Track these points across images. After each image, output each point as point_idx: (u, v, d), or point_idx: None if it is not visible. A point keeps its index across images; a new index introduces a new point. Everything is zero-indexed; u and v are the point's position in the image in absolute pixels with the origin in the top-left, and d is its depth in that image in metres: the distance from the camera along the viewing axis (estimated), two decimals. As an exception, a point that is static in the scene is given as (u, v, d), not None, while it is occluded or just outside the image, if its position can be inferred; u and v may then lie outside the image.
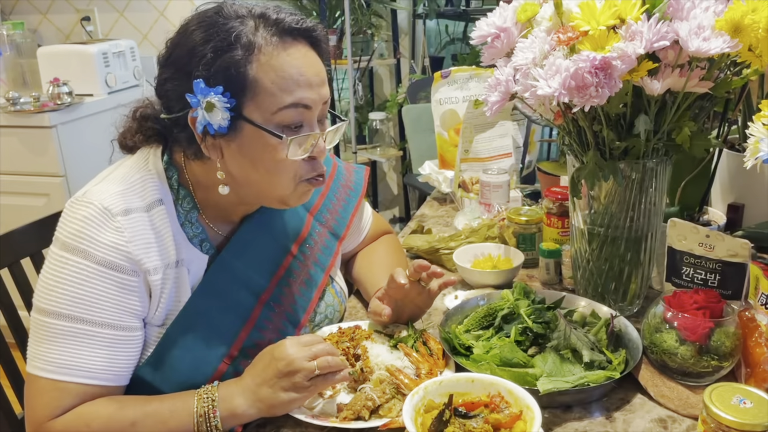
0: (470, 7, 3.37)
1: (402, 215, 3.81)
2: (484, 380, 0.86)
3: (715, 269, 1.02)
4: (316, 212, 1.16)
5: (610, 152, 1.00)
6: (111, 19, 3.15)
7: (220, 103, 0.88)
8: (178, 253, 0.96)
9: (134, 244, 0.91)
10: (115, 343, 0.91)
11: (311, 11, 3.18)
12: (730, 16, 0.86)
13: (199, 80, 0.87)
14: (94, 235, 0.89)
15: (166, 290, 0.95)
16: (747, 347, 0.92)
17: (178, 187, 0.99)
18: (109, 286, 0.90)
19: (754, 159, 0.83)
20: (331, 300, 1.16)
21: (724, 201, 1.29)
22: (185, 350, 0.96)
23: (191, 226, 1.00)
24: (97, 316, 0.89)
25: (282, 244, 1.09)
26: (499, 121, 1.64)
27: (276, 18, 0.92)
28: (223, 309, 1.00)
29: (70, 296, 0.88)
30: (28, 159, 2.56)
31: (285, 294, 1.07)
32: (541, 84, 0.90)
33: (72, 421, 0.88)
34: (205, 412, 0.89)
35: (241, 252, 1.03)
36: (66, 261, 0.89)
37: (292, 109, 0.91)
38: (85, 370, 0.89)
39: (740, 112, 1.20)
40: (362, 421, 0.90)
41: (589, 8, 0.90)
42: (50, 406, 0.88)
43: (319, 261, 1.13)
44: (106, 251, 0.89)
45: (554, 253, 1.26)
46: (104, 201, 0.91)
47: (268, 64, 0.89)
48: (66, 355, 0.89)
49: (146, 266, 0.92)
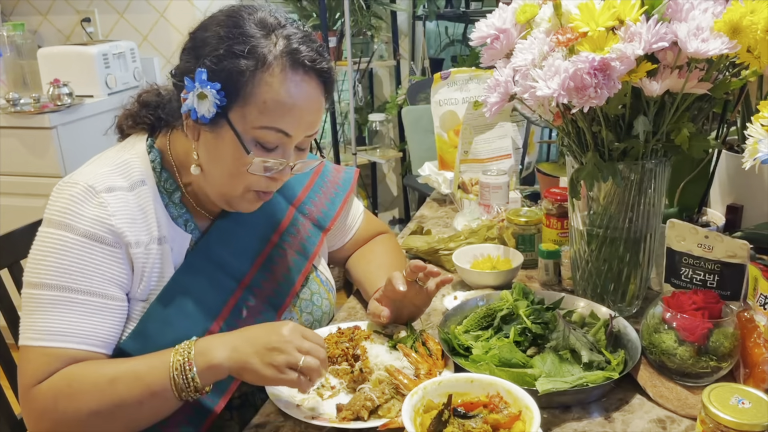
0: (470, 9, 3.37)
1: (402, 216, 3.81)
2: (483, 380, 0.86)
3: (714, 270, 1.02)
4: (299, 204, 1.19)
5: (609, 153, 1.00)
6: (111, 21, 3.15)
7: (212, 97, 0.92)
8: (161, 230, 1.00)
9: (117, 218, 0.95)
10: (99, 311, 0.94)
11: (311, 12, 3.18)
12: (729, 17, 0.86)
13: (203, 70, 0.91)
14: (77, 210, 0.93)
15: (149, 265, 0.98)
16: (746, 348, 0.93)
17: (161, 170, 1.03)
18: (92, 256, 0.93)
19: (752, 160, 0.83)
20: (316, 288, 1.17)
21: (723, 202, 1.29)
22: (167, 325, 0.98)
23: (175, 206, 1.04)
24: (81, 284, 0.93)
25: (262, 233, 1.12)
26: (499, 122, 1.64)
27: (297, 48, 0.94)
28: (205, 289, 1.03)
29: (54, 267, 0.92)
30: (28, 160, 2.56)
31: (266, 279, 1.09)
32: (540, 85, 0.90)
33: (55, 383, 0.90)
34: (180, 365, 0.89)
35: (222, 238, 1.07)
36: (51, 235, 0.93)
37: (273, 132, 0.94)
38: (70, 335, 0.92)
39: (739, 114, 1.21)
40: (361, 422, 0.90)
41: (588, 9, 0.90)
42: (38, 371, 0.91)
43: (302, 249, 1.16)
44: (88, 224, 0.93)
45: (553, 253, 1.26)
46: (89, 180, 0.96)
47: (269, 85, 0.92)
48: (52, 322, 0.91)
49: (128, 239, 0.95)
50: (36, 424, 0.92)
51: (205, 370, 0.89)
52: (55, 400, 0.90)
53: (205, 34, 0.95)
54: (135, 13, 3.10)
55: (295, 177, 1.15)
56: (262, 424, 0.94)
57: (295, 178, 1.16)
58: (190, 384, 0.89)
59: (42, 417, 0.91)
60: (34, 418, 0.92)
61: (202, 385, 0.90)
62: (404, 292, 1.05)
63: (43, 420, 0.91)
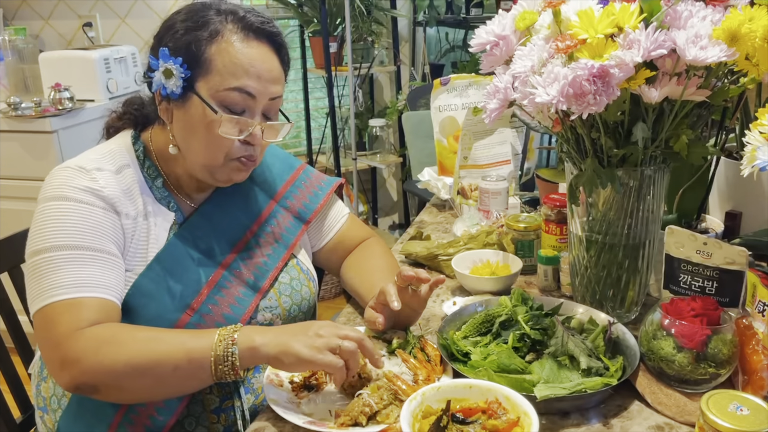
0: (470, 15, 3.38)
1: (401, 221, 3.81)
2: (481, 386, 0.86)
3: (713, 277, 1.02)
4: (280, 198, 1.24)
5: (608, 160, 1.00)
6: (113, 25, 3.16)
7: (176, 71, 1.01)
8: (147, 206, 1.08)
9: (108, 190, 1.03)
10: (109, 265, 1.00)
11: (312, 18, 3.19)
12: (728, 25, 0.87)
13: (165, 48, 1.02)
14: (70, 183, 1.02)
15: (136, 237, 1.06)
16: (744, 355, 0.93)
17: (144, 158, 1.11)
18: (91, 216, 1.00)
19: (751, 167, 0.83)
20: (296, 274, 1.21)
21: (721, 209, 1.29)
22: (150, 299, 1.03)
23: (157, 190, 1.11)
24: (87, 242, 0.99)
25: (242, 221, 1.18)
26: (498, 128, 1.64)
27: (243, 15, 1.05)
28: (187, 266, 1.08)
29: (60, 230, 0.98)
30: (29, 164, 2.57)
31: (245, 263, 1.14)
32: (539, 91, 0.91)
33: (100, 331, 0.94)
34: (224, 338, 0.93)
35: (204, 221, 1.13)
36: (48, 207, 1.00)
37: (236, 92, 1.02)
38: (96, 285, 0.97)
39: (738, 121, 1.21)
40: (360, 427, 0.90)
41: (588, 17, 0.90)
42: (74, 319, 0.94)
43: (281, 239, 1.21)
44: (82, 193, 1.01)
45: (552, 259, 1.27)
46: (79, 163, 1.05)
47: (225, 50, 1.02)
48: (74, 276, 0.96)
49: (119, 209, 1.04)
50: (73, 369, 0.92)
51: (246, 350, 0.93)
52: (98, 345, 0.92)
53: (168, 23, 1.07)
54: (136, 17, 3.11)
55: (277, 173, 1.24)
56: (261, 429, 0.94)
57: (277, 174, 1.24)
58: (228, 359, 0.92)
59: (80, 360, 0.92)
60: (72, 362, 0.92)
61: (240, 364, 0.93)
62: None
63: (81, 363, 0.92)
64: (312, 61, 3.40)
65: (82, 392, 0.95)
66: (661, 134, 0.97)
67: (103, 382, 0.93)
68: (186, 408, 1.06)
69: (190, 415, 1.06)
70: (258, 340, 0.93)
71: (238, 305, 1.10)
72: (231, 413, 1.08)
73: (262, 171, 1.23)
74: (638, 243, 1.07)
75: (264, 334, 0.94)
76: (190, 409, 1.06)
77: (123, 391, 0.95)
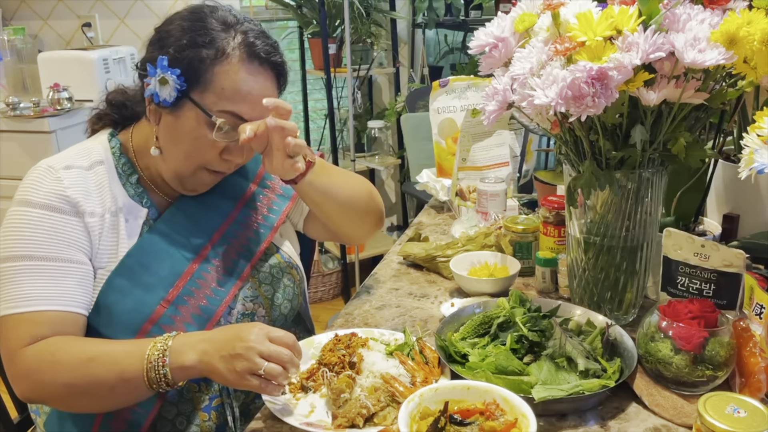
0: (469, 17, 3.38)
1: (400, 223, 3.81)
2: (479, 388, 0.86)
3: (710, 279, 1.03)
4: (260, 180, 1.23)
5: (607, 162, 1.01)
6: (112, 26, 3.16)
7: (173, 82, 1.00)
8: (117, 203, 1.08)
9: (72, 189, 1.03)
10: (67, 274, 1.01)
11: (312, 20, 3.19)
12: (726, 28, 0.87)
13: (164, 57, 1.00)
14: (36, 186, 1.03)
15: (104, 235, 1.06)
16: (741, 357, 0.93)
17: (120, 155, 1.12)
18: (52, 225, 1.01)
19: (748, 170, 0.83)
20: (275, 262, 1.19)
21: (719, 211, 1.29)
22: (124, 294, 1.04)
23: (131, 186, 1.11)
24: (45, 251, 1.00)
25: (222, 210, 1.17)
26: (497, 130, 1.64)
27: (253, 41, 1.03)
28: (162, 260, 1.08)
29: (19, 239, 1.00)
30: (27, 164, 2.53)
31: (225, 251, 1.14)
32: (538, 93, 0.91)
33: (41, 349, 0.97)
34: (155, 359, 0.94)
35: (178, 217, 1.13)
36: (14, 213, 1.02)
37: (229, 116, 1.02)
38: (43, 298, 0.98)
39: (735, 123, 1.21)
40: (356, 429, 0.90)
41: (587, 19, 0.90)
42: (23, 335, 0.97)
43: (264, 221, 1.20)
44: (45, 196, 1.02)
45: (550, 261, 1.27)
46: (50, 162, 1.06)
47: (227, 74, 1.01)
48: (24, 289, 0.98)
49: (83, 208, 1.03)
50: (19, 385, 0.98)
51: (177, 369, 0.94)
52: (38, 364, 0.96)
53: (169, 27, 1.04)
54: (136, 18, 3.11)
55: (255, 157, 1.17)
56: (258, 430, 0.94)
57: (255, 158, 1.18)
58: (162, 379, 0.94)
59: (25, 379, 0.97)
60: (19, 378, 0.98)
61: (174, 382, 0.95)
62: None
63: (26, 381, 0.97)
64: (311, 63, 3.40)
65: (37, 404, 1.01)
66: (659, 137, 0.97)
67: (49, 398, 0.99)
68: (176, 406, 1.06)
69: (181, 414, 1.07)
70: (188, 360, 0.94)
71: (215, 296, 1.10)
72: (222, 411, 1.08)
73: None
74: (636, 245, 1.07)
75: (194, 351, 0.94)
76: (181, 408, 1.07)
77: (71, 407, 1.01)
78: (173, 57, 1.00)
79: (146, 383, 0.94)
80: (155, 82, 1.01)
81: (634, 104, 0.95)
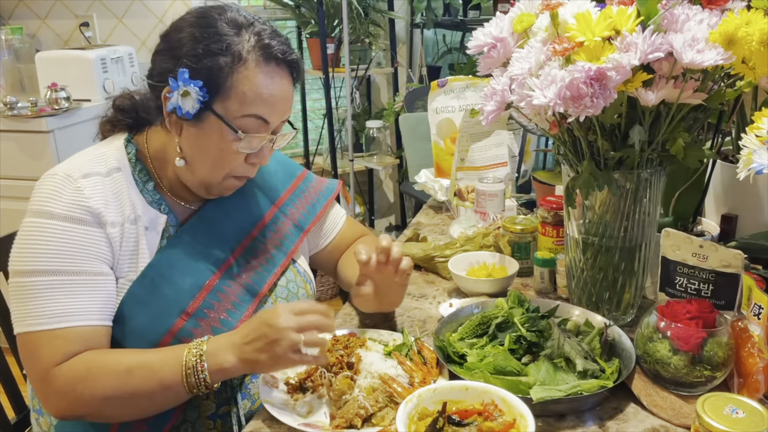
0: (467, 17, 3.38)
1: (398, 223, 3.81)
2: (477, 388, 0.86)
3: (709, 279, 1.03)
4: (282, 205, 1.24)
5: (605, 162, 1.01)
6: (110, 25, 3.15)
7: (195, 94, 0.99)
8: (135, 211, 1.06)
9: (93, 200, 1.01)
10: (93, 287, 1.00)
11: (310, 19, 3.19)
12: (724, 28, 0.87)
13: (185, 70, 0.98)
14: (56, 197, 1.00)
15: (125, 244, 1.04)
16: (740, 357, 0.93)
17: (136, 161, 1.10)
18: (75, 238, 0.99)
19: (747, 170, 0.83)
20: (292, 276, 1.21)
21: (717, 211, 1.29)
22: (144, 306, 1.03)
23: (148, 193, 1.09)
24: (70, 266, 0.98)
25: (243, 226, 1.17)
26: (495, 130, 1.64)
27: (268, 43, 1.02)
28: (183, 271, 1.07)
29: (42, 253, 0.98)
30: (25, 163, 2.56)
31: (245, 268, 1.14)
32: (536, 94, 0.91)
33: (75, 366, 0.96)
34: (193, 364, 0.95)
35: (203, 226, 1.12)
36: (35, 224, 0.99)
37: (253, 119, 1.02)
38: (73, 314, 0.97)
39: (734, 124, 1.21)
40: (355, 430, 0.90)
41: (585, 19, 0.90)
42: (55, 353, 0.96)
43: (281, 245, 1.20)
44: (68, 208, 0.99)
45: (549, 262, 1.27)
46: (67, 171, 1.03)
47: (247, 78, 1.00)
48: (53, 305, 0.97)
49: (105, 219, 1.02)
50: (55, 404, 0.97)
51: (216, 371, 0.95)
52: (74, 382, 0.95)
53: (179, 36, 1.02)
54: (134, 18, 3.11)
55: (279, 180, 1.23)
56: (256, 431, 0.93)
57: (279, 180, 1.23)
58: (202, 383, 0.95)
59: (61, 397, 0.96)
60: (53, 397, 0.97)
61: (212, 383, 0.96)
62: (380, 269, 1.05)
63: (61, 400, 0.97)
64: (309, 63, 3.40)
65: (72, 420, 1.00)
66: (657, 137, 0.97)
67: (87, 413, 0.98)
68: (182, 413, 1.06)
69: (186, 421, 1.06)
70: (225, 363, 0.95)
71: (235, 310, 1.09)
72: (228, 419, 1.08)
73: (264, 175, 1.22)
74: (634, 245, 1.07)
75: (228, 353, 0.95)
76: (186, 415, 1.06)
77: (109, 418, 1.00)
78: (192, 69, 0.98)
79: (186, 388, 0.95)
80: (177, 95, 0.99)
81: (633, 104, 0.95)
